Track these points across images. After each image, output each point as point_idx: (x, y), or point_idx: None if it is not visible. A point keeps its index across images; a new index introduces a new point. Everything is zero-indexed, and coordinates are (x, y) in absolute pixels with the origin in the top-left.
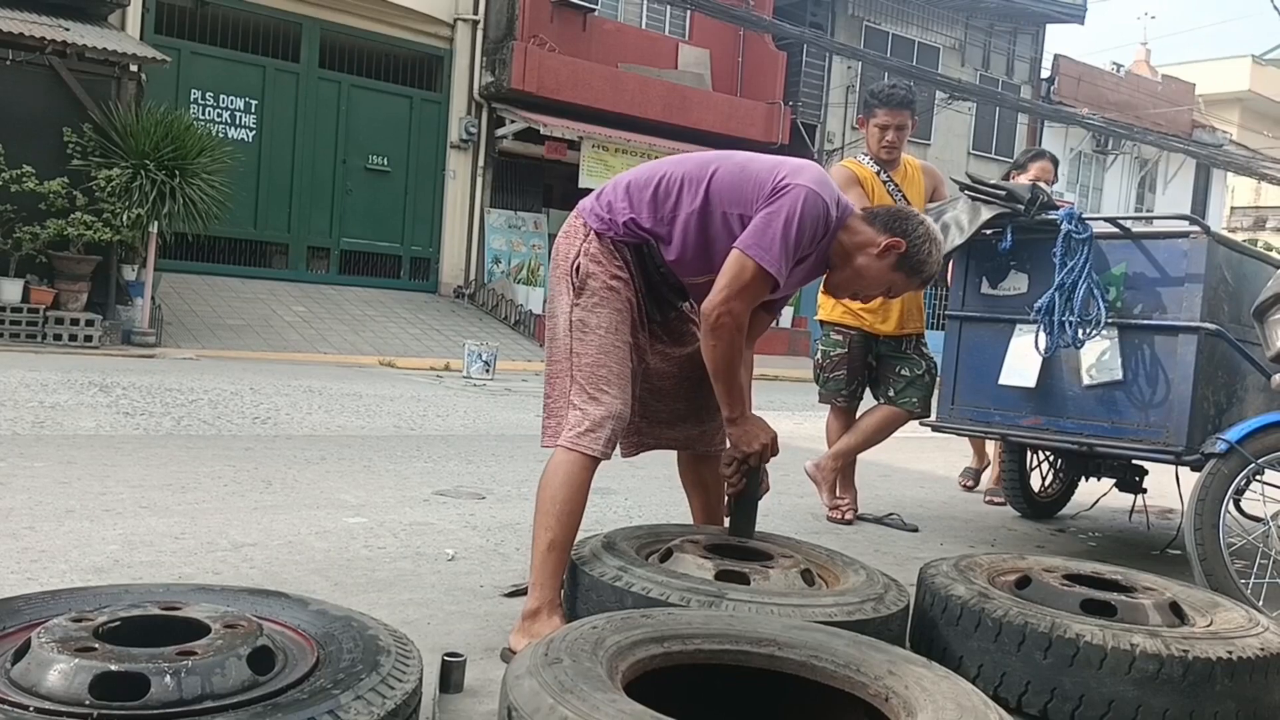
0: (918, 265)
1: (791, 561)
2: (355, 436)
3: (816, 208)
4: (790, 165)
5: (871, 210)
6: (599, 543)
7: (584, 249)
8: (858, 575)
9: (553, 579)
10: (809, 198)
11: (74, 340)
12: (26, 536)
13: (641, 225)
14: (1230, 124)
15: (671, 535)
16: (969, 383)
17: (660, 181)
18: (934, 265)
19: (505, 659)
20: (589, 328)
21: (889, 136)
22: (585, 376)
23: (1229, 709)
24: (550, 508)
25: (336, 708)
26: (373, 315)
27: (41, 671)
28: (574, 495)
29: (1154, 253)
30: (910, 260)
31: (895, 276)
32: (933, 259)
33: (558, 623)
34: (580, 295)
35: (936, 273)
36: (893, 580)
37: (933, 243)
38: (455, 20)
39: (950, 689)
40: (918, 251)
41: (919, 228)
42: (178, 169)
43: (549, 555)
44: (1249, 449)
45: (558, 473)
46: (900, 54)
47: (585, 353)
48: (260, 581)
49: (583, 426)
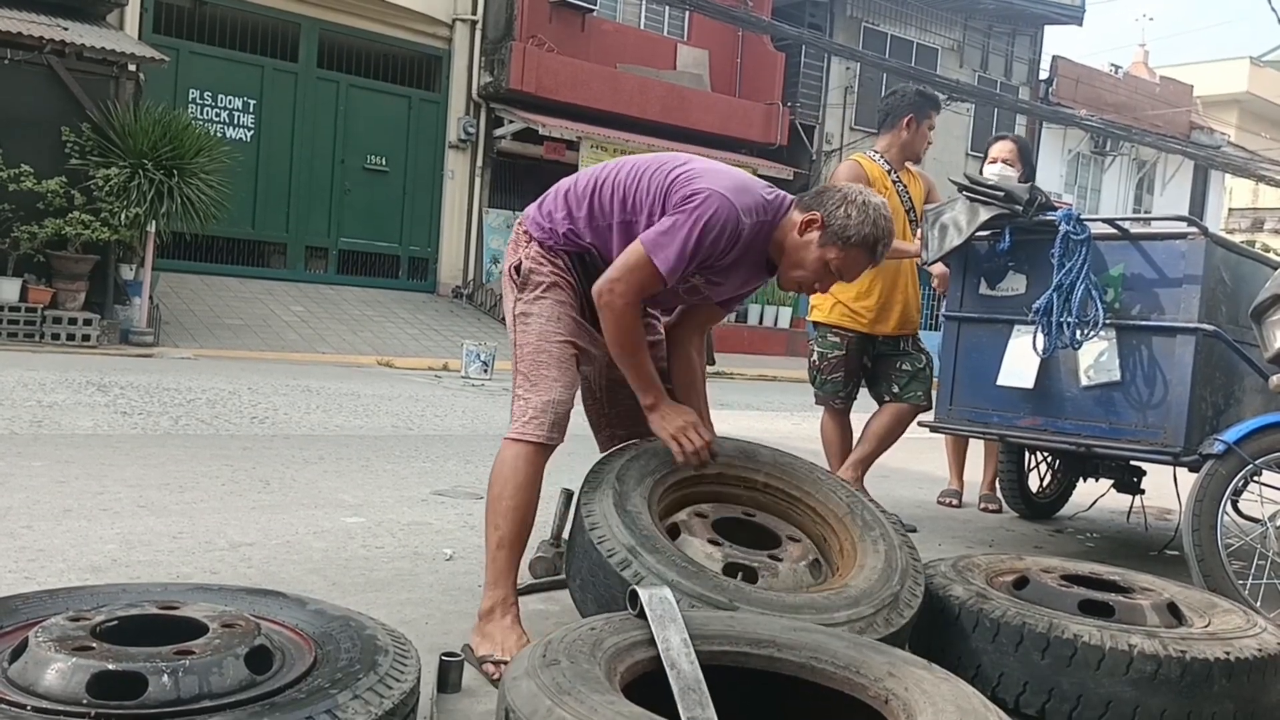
0: (841, 233)
1: (801, 551)
2: (353, 436)
3: (724, 214)
4: (710, 172)
5: (799, 196)
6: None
7: (526, 253)
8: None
9: (504, 577)
10: (719, 206)
11: (72, 339)
12: (24, 535)
13: (580, 237)
14: (1228, 125)
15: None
16: (967, 383)
17: (595, 191)
18: (865, 230)
19: (466, 656)
20: (530, 317)
21: (932, 138)
22: (527, 365)
23: (1226, 710)
24: (497, 505)
25: (334, 707)
26: (371, 315)
27: (39, 670)
28: (520, 491)
29: (1152, 254)
30: (832, 231)
31: (829, 254)
32: (856, 222)
33: (510, 622)
34: (522, 290)
35: (877, 239)
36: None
37: (852, 206)
38: (454, 20)
39: (950, 691)
40: (834, 219)
41: (834, 195)
42: (176, 168)
43: (498, 554)
44: (1247, 450)
45: (503, 469)
46: (899, 55)
47: (526, 342)
48: (258, 581)
49: (526, 415)
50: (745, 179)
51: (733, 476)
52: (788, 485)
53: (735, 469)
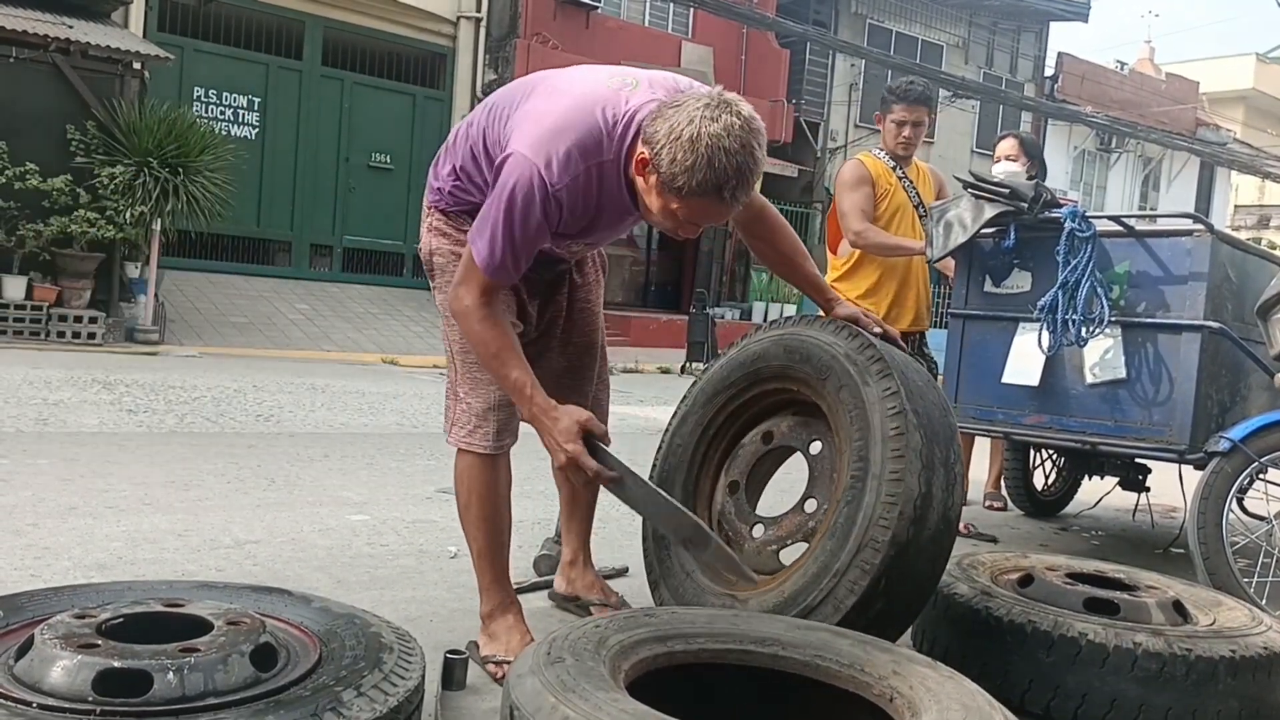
0: (671, 183)
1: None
2: (358, 434)
3: (525, 186)
4: (529, 118)
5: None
6: None
7: (427, 226)
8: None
9: (496, 582)
10: (519, 177)
11: (77, 338)
12: (30, 533)
13: (469, 195)
14: (1234, 122)
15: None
16: (972, 381)
17: (468, 141)
18: (698, 176)
19: (471, 655)
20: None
21: (905, 132)
22: (460, 363)
23: (1232, 708)
24: (466, 515)
25: (339, 704)
26: (376, 313)
27: (45, 668)
28: (484, 499)
29: (1158, 251)
30: (663, 180)
31: (671, 203)
32: (684, 169)
33: (512, 621)
34: (435, 278)
35: (719, 183)
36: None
37: (678, 145)
38: (458, 18)
39: (955, 689)
40: (660, 164)
41: (662, 128)
42: (181, 166)
43: (481, 563)
44: (1252, 447)
45: (461, 479)
46: (904, 52)
47: (455, 340)
48: (263, 579)
49: (470, 424)
50: (568, 117)
51: (810, 392)
52: (836, 423)
53: (811, 387)
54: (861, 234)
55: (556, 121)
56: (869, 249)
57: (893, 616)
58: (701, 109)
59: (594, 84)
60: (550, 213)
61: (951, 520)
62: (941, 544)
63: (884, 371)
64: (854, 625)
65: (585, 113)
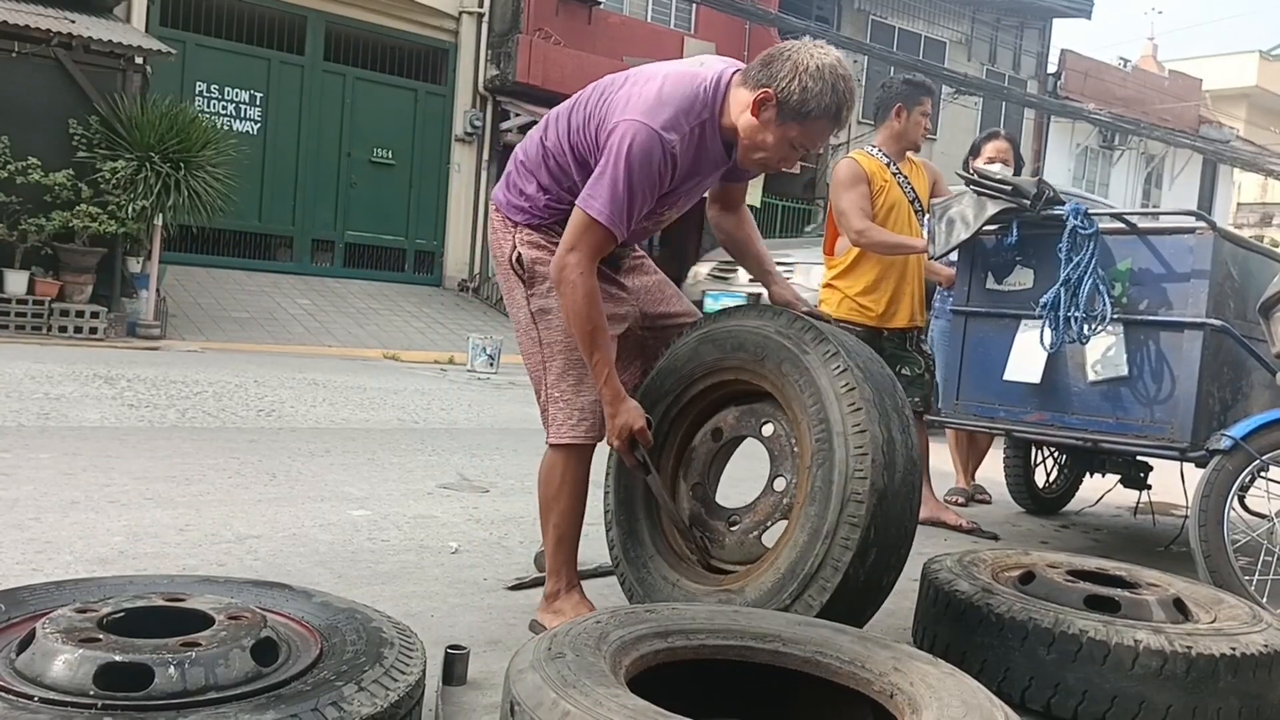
0: (800, 108)
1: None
2: (359, 429)
3: (643, 144)
4: (629, 96)
5: (744, 69)
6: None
7: (517, 239)
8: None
9: (566, 565)
10: (635, 137)
11: (79, 332)
12: (31, 527)
13: (564, 206)
14: (1237, 119)
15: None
16: (974, 378)
17: (545, 153)
18: (826, 99)
19: (535, 631)
20: (551, 314)
21: (927, 124)
22: (560, 364)
23: (1232, 705)
24: (554, 506)
25: (340, 699)
26: (377, 308)
27: (46, 662)
28: (571, 492)
29: (1160, 248)
30: (790, 108)
31: (789, 131)
32: (815, 93)
33: (577, 598)
34: (532, 285)
35: (840, 105)
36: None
37: (807, 75)
38: (460, 13)
39: (956, 686)
40: (789, 94)
41: (784, 65)
42: (183, 161)
43: (559, 547)
44: (1254, 445)
45: (554, 472)
46: (906, 48)
47: (555, 341)
48: (264, 573)
49: (572, 419)
50: (668, 87)
51: (748, 378)
52: (785, 399)
53: (749, 371)
54: (863, 233)
55: (658, 93)
56: (871, 248)
57: (887, 563)
58: (813, 50)
59: (674, 64)
60: (664, 170)
61: (914, 460)
62: (912, 484)
63: (819, 338)
64: (853, 580)
65: (680, 83)
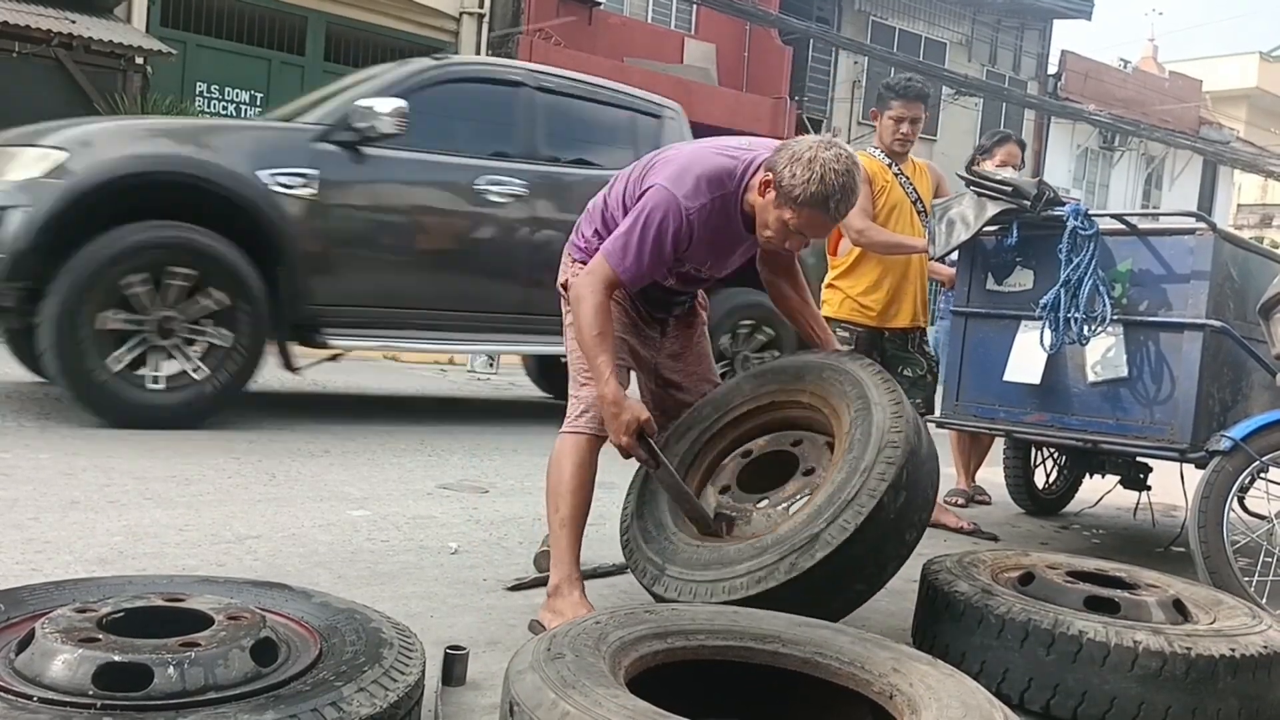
0: (789, 193)
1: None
2: (359, 430)
3: (663, 209)
4: (668, 162)
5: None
6: None
7: (570, 270)
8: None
9: (568, 554)
10: (657, 203)
11: None
12: (31, 527)
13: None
14: (1237, 121)
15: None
16: (973, 379)
17: (605, 202)
18: (812, 189)
19: (535, 631)
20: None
21: (903, 129)
22: (577, 369)
23: (1231, 706)
24: (557, 488)
25: (339, 700)
26: None
27: (45, 662)
28: (578, 471)
29: (1160, 249)
30: (783, 192)
31: (785, 214)
32: (801, 181)
33: (578, 597)
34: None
35: (827, 195)
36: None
37: (798, 164)
38: (460, 14)
39: (955, 687)
40: (782, 179)
41: (785, 153)
42: None
43: (561, 532)
44: (1254, 446)
45: (560, 458)
46: (907, 49)
47: (574, 350)
48: (263, 573)
49: (579, 410)
50: (696, 159)
51: (785, 401)
52: (824, 401)
53: (787, 393)
54: (864, 233)
55: (689, 162)
56: (871, 248)
57: (913, 516)
58: (817, 142)
59: (724, 140)
60: (681, 234)
61: (934, 450)
62: (934, 465)
63: (855, 355)
64: (887, 511)
65: (717, 157)
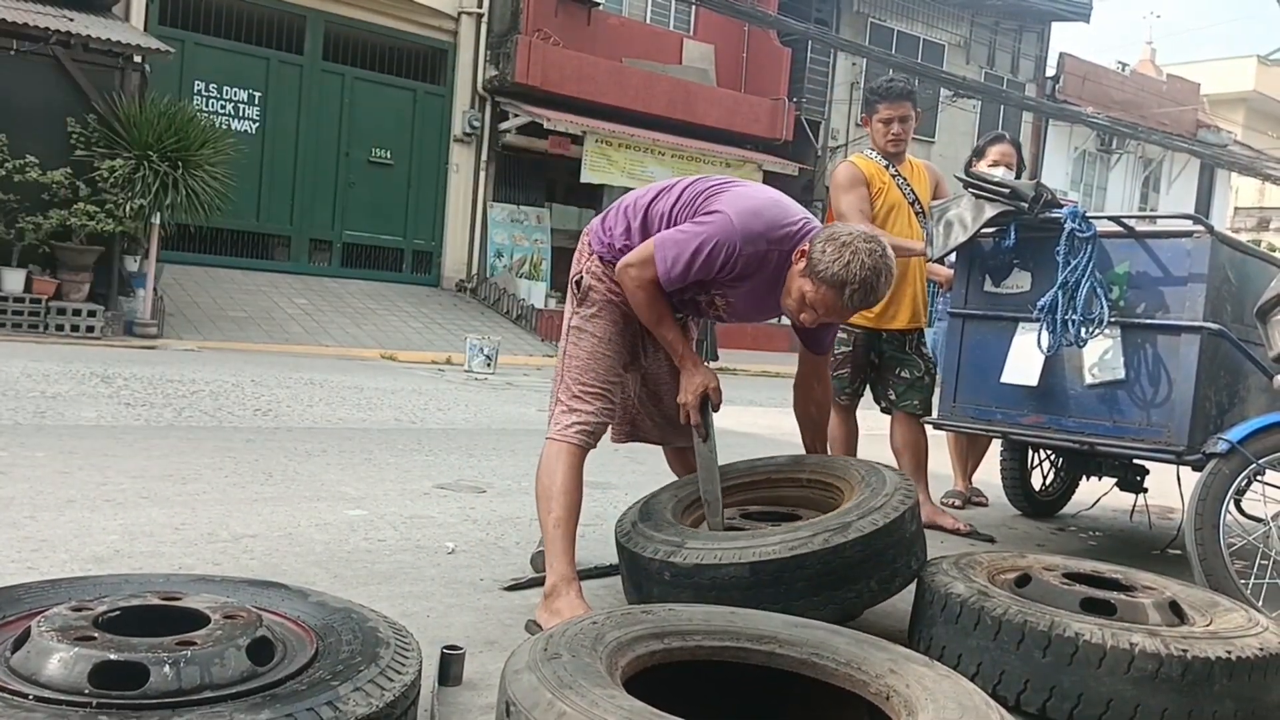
0: (814, 267)
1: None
2: (356, 429)
3: (723, 236)
4: (738, 196)
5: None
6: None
7: (587, 266)
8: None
9: (564, 555)
10: (721, 228)
11: (76, 331)
12: (27, 525)
13: (624, 255)
14: (1235, 124)
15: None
16: (971, 381)
17: (649, 208)
18: (835, 269)
19: (532, 631)
20: (584, 334)
21: (894, 129)
22: (573, 378)
23: (1227, 709)
24: (549, 490)
25: (335, 699)
26: (374, 308)
27: (41, 660)
28: (567, 474)
29: (1157, 252)
30: (810, 264)
31: (805, 286)
32: (829, 260)
33: (574, 598)
34: (580, 304)
35: (845, 281)
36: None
37: (832, 244)
38: (459, 14)
39: (952, 688)
40: (814, 253)
41: (828, 231)
42: (181, 160)
43: (555, 532)
44: (1250, 449)
45: (550, 462)
46: (905, 51)
47: (577, 355)
48: (260, 573)
49: (569, 423)
50: (767, 206)
51: (783, 479)
52: (826, 477)
53: (784, 472)
54: None
55: (761, 208)
56: None
57: (917, 544)
58: (860, 233)
59: (788, 199)
60: (725, 265)
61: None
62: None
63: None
64: (905, 528)
65: (786, 213)
